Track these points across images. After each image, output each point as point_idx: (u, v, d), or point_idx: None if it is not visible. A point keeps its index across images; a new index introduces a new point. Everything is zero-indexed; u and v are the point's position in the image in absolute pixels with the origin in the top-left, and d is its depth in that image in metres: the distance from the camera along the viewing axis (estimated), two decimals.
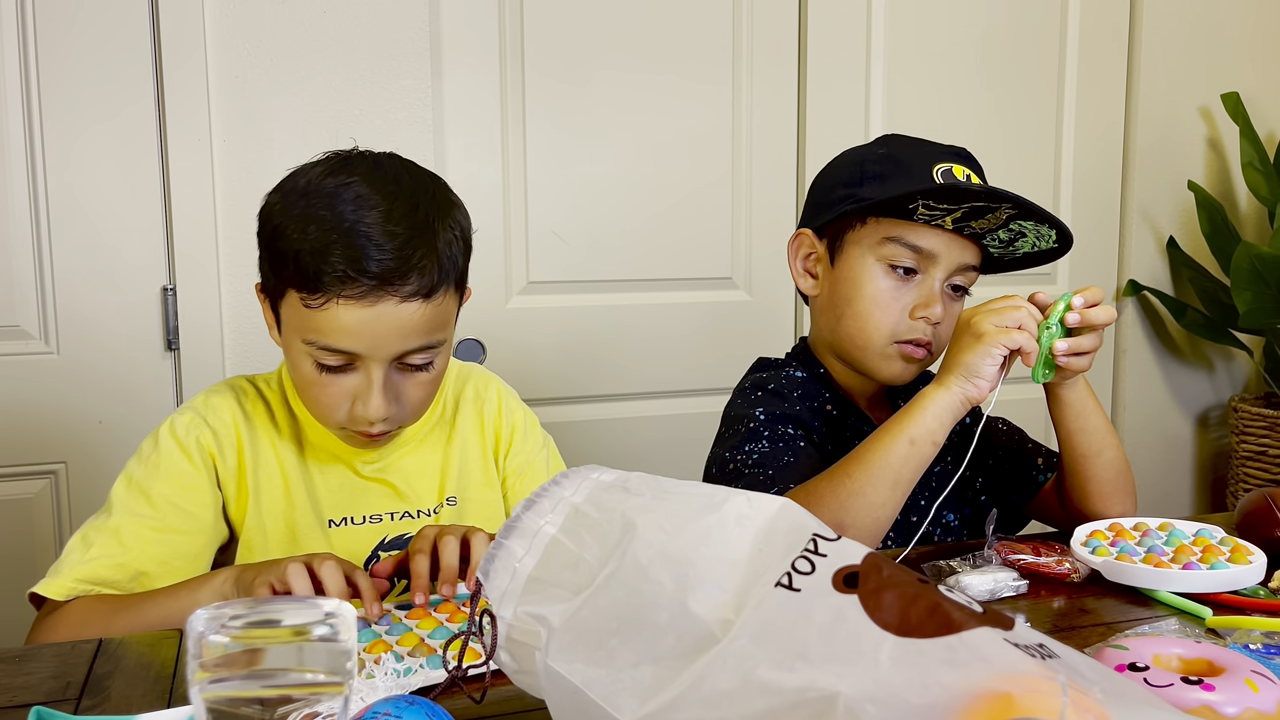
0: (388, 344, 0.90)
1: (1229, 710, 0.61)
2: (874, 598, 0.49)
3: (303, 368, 0.92)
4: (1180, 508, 2.35)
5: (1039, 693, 0.43)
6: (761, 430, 1.08)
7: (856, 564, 0.52)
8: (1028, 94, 2.11)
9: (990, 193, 1.01)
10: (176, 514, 0.95)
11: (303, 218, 0.89)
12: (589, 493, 0.61)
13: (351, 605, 0.79)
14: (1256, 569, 0.91)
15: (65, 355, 1.56)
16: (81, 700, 0.73)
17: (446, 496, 1.05)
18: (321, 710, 0.48)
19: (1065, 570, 0.97)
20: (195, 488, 0.97)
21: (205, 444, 0.98)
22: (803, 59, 1.95)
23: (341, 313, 0.87)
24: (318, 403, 0.94)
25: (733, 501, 0.58)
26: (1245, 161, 2.15)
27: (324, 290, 0.87)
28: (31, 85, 1.51)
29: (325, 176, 0.90)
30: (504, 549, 0.60)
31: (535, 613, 0.57)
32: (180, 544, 0.95)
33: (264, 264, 0.95)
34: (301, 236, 0.88)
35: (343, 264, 0.86)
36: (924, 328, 1.08)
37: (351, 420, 0.94)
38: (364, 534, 1.02)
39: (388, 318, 0.88)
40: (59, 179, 1.53)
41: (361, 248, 0.86)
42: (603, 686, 0.54)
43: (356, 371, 0.91)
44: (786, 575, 0.52)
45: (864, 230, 1.09)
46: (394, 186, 0.90)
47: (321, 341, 0.89)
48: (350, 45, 1.64)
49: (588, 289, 1.86)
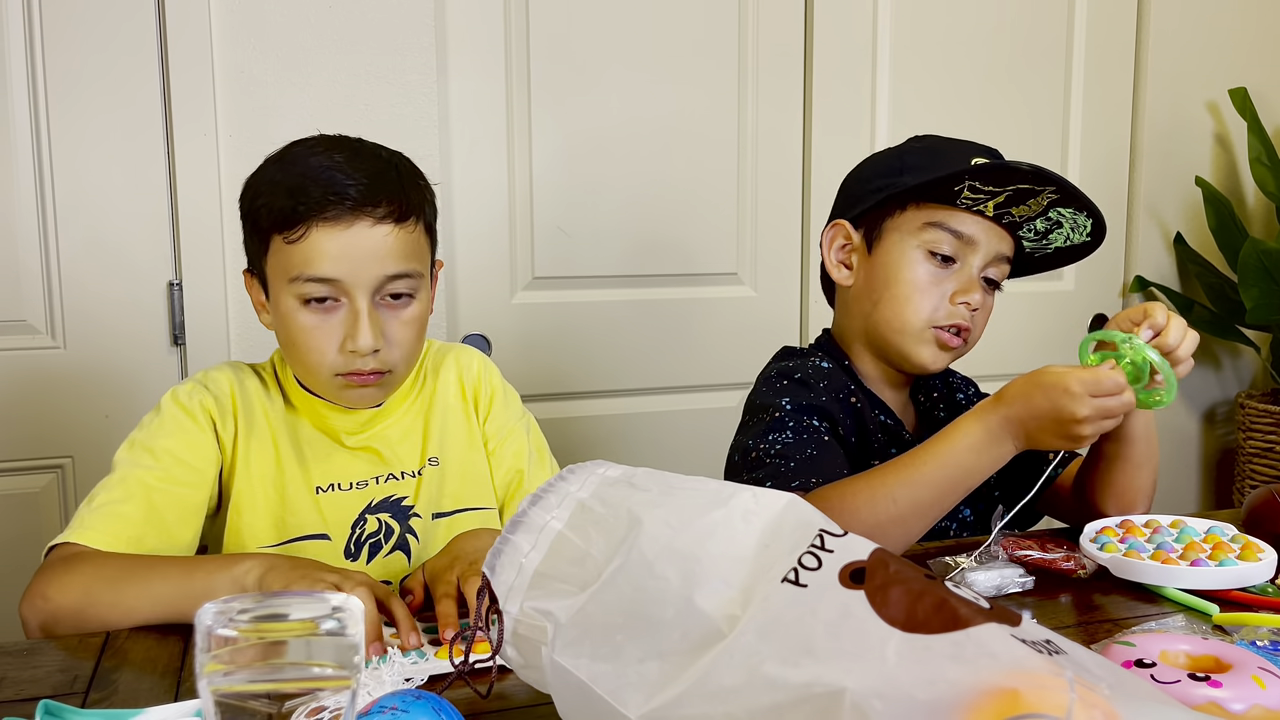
0: (368, 267, 0.94)
1: (1236, 707, 0.61)
2: (881, 594, 0.49)
3: (293, 319, 0.96)
4: (1186, 504, 2.34)
5: (1046, 689, 0.42)
6: (786, 420, 1.07)
7: (863, 560, 0.52)
8: (1034, 89, 2.10)
9: (1037, 172, 1.01)
10: (180, 466, 0.98)
11: (277, 174, 0.96)
12: (595, 488, 0.61)
13: (379, 624, 0.79)
14: (1266, 566, 0.91)
15: (72, 350, 1.56)
16: (89, 694, 0.73)
17: (429, 457, 1.08)
18: (329, 704, 0.48)
19: (1072, 566, 0.97)
20: (198, 444, 1.00)
21: (207, 406, 1.01)
22: (808, 55, 1.95)
23: (321, 238, 0.93)
24: (309, 350, 0.97)
25: (739, 497, 0.58)
26: (1253, 157, 2.15)
27: (302, 220, 0.93)
28: (38, 81, 1.51)
29: (292, 146, 0.99)
30: (510, 544, 0.60)
31: (541, 608, 0.57)
32: (183, 496, 0.98)
33: (247, 236, 1.00)
34: (275, 186, 0.95)
35: (318, 192, 0.93)
36: (964, 312, 1.09)
37: (345, 361, 0.97)
38: (351, 499, 1.05)
39: (364, 240, 0.94)
40: (65, 174, 1.53)
41: (332, 179, 0.93)
42: (609, 681, 0.54)
43: (342, 307, 0.96)
44: (793, 571, 0.52)
45: (904, 217, 1.10)
46: (357, 144, 0.99)
47: (306, 273, 0.94)
48: (356, 41, 1.64)
49: (593, 285, 1.86)
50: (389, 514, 1.05)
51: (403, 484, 1.07)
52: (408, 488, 1.07)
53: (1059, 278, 2.17)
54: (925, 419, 1.21)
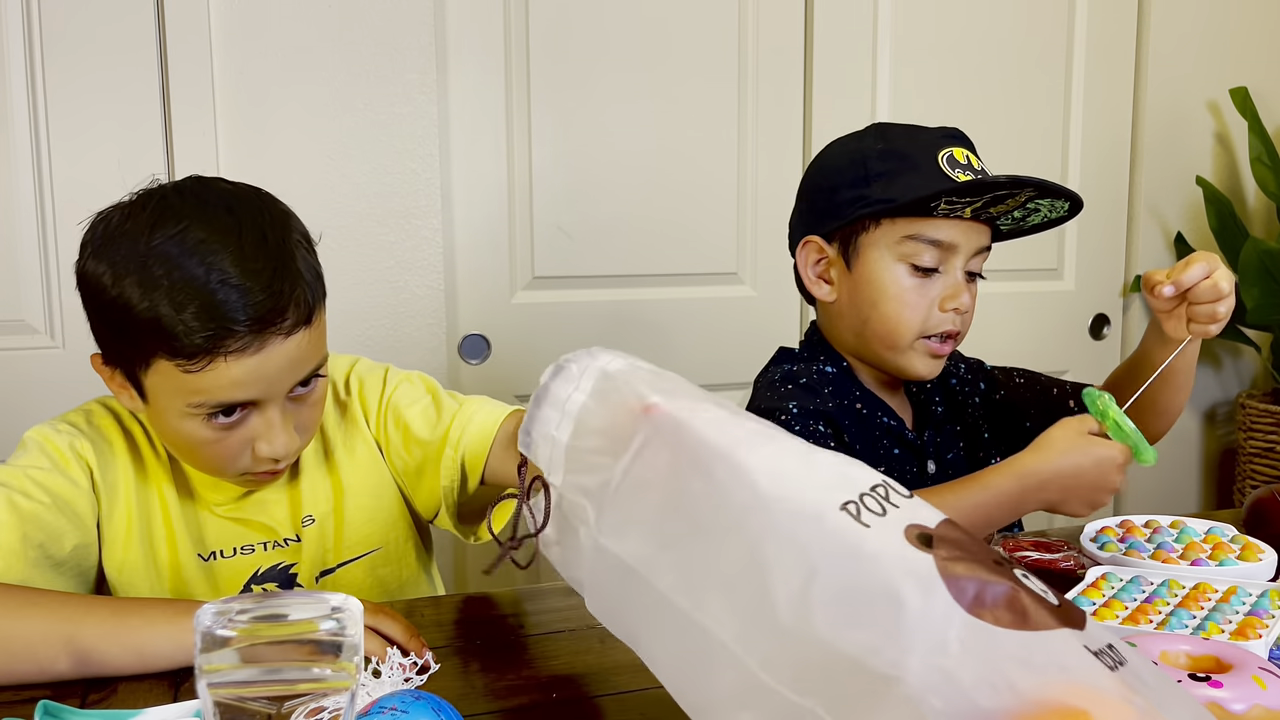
0: (282, 382, 0.85)
1: (1236, 707, 0.61)
2: (949, 566, 0.45)
3: (187, 430, 0.85)
4: (1187, 504, 2.34)
5: (1116, 714, 0.40)
6: (793, 424, 1.06)
7: (931, 527, 0.48)
8: (1035, 88, 2.10)
9: (1015, 181, 1.01)
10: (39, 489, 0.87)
11: (146, 285, 0.80)
12: (623, 364, 0.58)
13: None
14: (1266, 566, 0.91)
15: (70, 350, 1.56)
16: (88, 694, 0.73)
17: (303, 518, 0.98)
18: (328, 705, 0.48)
19: (1070, 566, 0.97)
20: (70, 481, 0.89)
21: (81, 451, 0.91)
22: (808, 53, 1.95)
23: (229, 368, 0.81)
24: (214, 459, 0.88)
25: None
26: (1253, 156, 2.15)
27: (203, 352, 0.80)
28: (37, 80, 1.51)
29: (150, 232, 0.81)
30: (538, 419, 0.56)
31: (580, 483, 0.54)
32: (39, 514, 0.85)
33: (105, 337, 0.86)
34: (153, 305, 0.79)
35: (215, 322, 0.79)
36: (953, 318, 1.08)
37: (255, 463, 0.89)
38: (238, 565, 0.97)
39: (277, 357, 0.83)
40: (64, 174, 1.53)
41: (227, 301, 0.80)
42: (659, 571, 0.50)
43: (251, 417, 0.86)
44: (854, 505, 0.47)
45: (879, 231, 1.07)
46: (230, 219, 0.83)
47: (212, 401, 0.83)
48: (355, 39, 1.64)
49: (593, 284, 1.86)
50: (275, 584, 0.98)
51: (287, 550, 0.98)
52: (293, 554, 0.98)
53: (1059, 278, 2.17)
54: (921, 412, 1.20)
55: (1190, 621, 0.76)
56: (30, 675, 0.74)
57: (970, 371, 1.26)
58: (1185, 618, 0.77)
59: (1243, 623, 0.75)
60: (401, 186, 1.68)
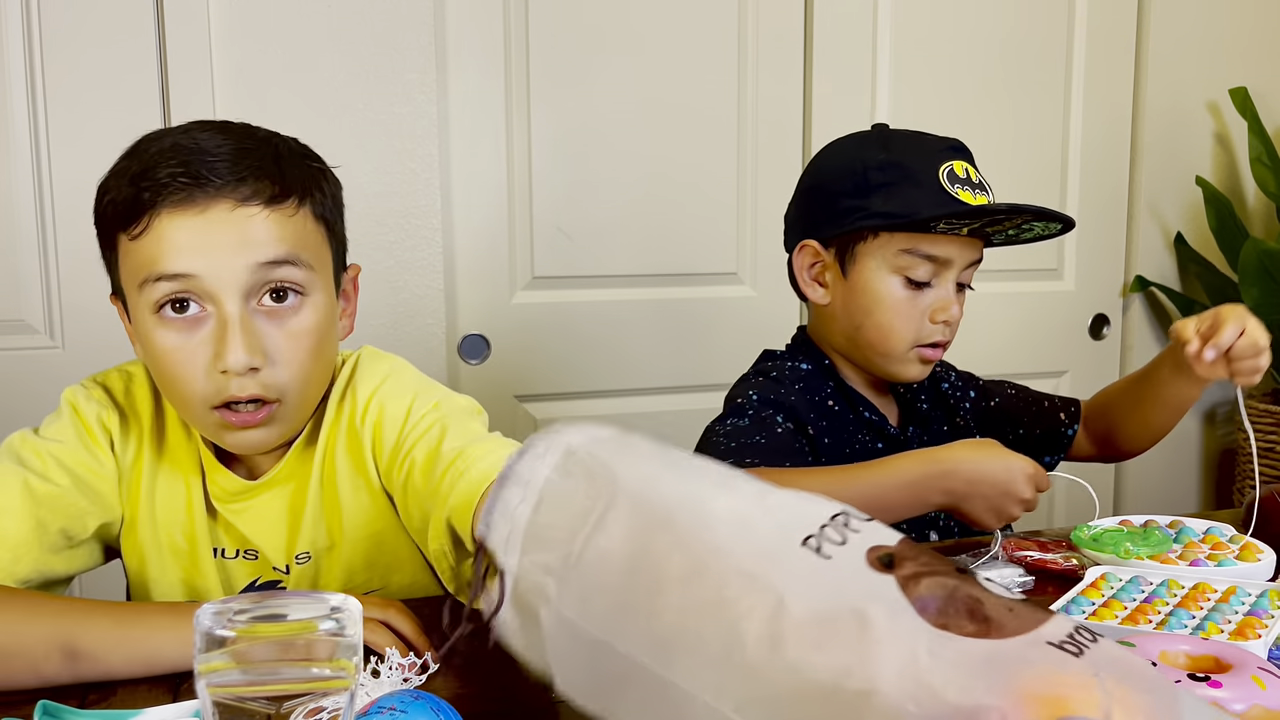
0: (228, 259, 0.76)
1: (1236, 707, 0.61)
2: (912, 583, 0.46)
3: (152, 340, 0.79)
4: (1186, 504, 2.34)
5: (1080, 689, 0.42)
6: (746, 409, 1.10)
7: (891, 546, 0.49)
8: (1035, 87, 2.10)
9: (1013, 209, 1.03)
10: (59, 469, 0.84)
11: (125, 162, 0.79)
12: (587, 438, 0.58)
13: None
14: (1265, 566, 0.91)
15: (70, 350, 1.56)
16: (88, 695, 0.73)
17: (297, 554, 0.90)
18: (327, 705, 0.48)
19: (1072, 566, 0.97)
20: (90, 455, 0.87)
21: (106, 423, 0.88)
22: (808, 52, 1.95)
23: (168, 228, 0.75)
24: (175, 378, 0.79)
25: (748, 480, 0.55)
26: (1253, 157, 2.15)
27: (146, 208, 0.75)
28: (36, 79, 1.51)
29: (154, 131, 0.82)
30: (500, 499, 0.56)
31: (540, 561, 0.53)
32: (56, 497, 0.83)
33: (101, 246, 0.84)
34: (121, 175, 0.78)
35: (164, 173, 0.75)
36: (942, 330, 1.11)
37: (216, 388, 0.78)
38: (243, 567, 0.92)
39: (222, 224, 0.75)
40: (63, 173, 1.53)
41: (188, 160, 0.75)
42: (623, 636, 0.50)
43: (208, 318, 0.78)
44: (814, 539, 0.48)
45: (876, 242, 1.09)
46: (229, 124, 0.81)
47: (156, 271, 0.76)
48: (354, 39, 1.64)
49: (592, 284, 1.86)
50: None
51: (278, 576, 0.92)
52: (285, 581, 0.92)
53: (1059, 278, 2.17)
54: (908, 410, 1.22)
55: (1189, 621, 0.76)
56: (31, 685, 0.73)
57: (961, 379, 1.29)
58: (1184, 618, 0.77)
59: (1242, 623, 0.75)
60: (401, 186, 1.68)
